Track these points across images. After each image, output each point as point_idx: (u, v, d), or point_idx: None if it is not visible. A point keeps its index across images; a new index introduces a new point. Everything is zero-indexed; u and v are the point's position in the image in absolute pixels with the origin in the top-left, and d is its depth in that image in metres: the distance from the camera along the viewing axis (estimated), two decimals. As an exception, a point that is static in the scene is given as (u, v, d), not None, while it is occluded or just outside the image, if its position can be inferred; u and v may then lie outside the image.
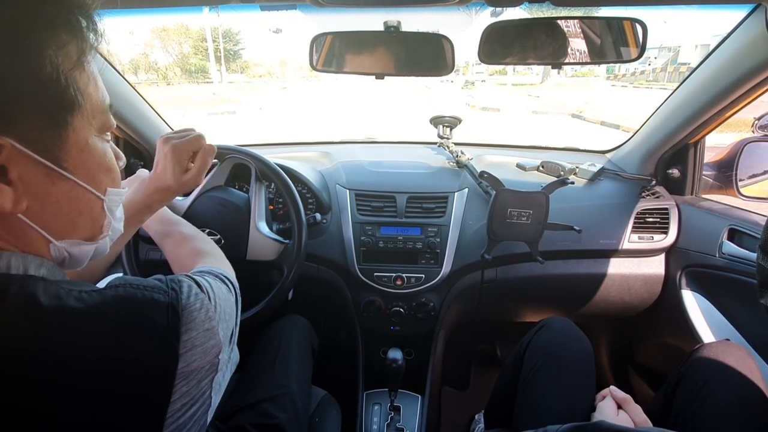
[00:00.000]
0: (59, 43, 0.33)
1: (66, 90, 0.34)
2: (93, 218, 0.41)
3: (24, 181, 0.33)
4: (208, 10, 9.94)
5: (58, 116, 0.34)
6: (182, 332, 0.36)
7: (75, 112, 0.35)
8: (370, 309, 1.11)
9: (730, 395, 0.69)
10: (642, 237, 1.12)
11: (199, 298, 0.39)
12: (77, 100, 0.35)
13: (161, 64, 30.21)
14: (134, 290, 0.36)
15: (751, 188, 1.09)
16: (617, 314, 1.25)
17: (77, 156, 0.37)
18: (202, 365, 0.37)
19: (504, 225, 1.03)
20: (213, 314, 0.40)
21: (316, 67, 0.91)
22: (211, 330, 0.39)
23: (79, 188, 0.38)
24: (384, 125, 9.22)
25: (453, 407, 1.40)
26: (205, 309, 0.39)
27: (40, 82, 0.33)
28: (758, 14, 0.79)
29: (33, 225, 0.36)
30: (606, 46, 0.84)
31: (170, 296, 0.37)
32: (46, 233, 0.37)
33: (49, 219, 0.37)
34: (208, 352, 0.38)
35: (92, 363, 0.32)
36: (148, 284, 0.38)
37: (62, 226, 0.38)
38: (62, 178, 0.36)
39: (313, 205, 1.12)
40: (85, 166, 0.38)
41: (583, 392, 0.78)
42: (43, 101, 0.33)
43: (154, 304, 0.36)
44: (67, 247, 0.39)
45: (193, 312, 0.38)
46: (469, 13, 4.59)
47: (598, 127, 8.98)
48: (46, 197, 0.36)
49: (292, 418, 0.77)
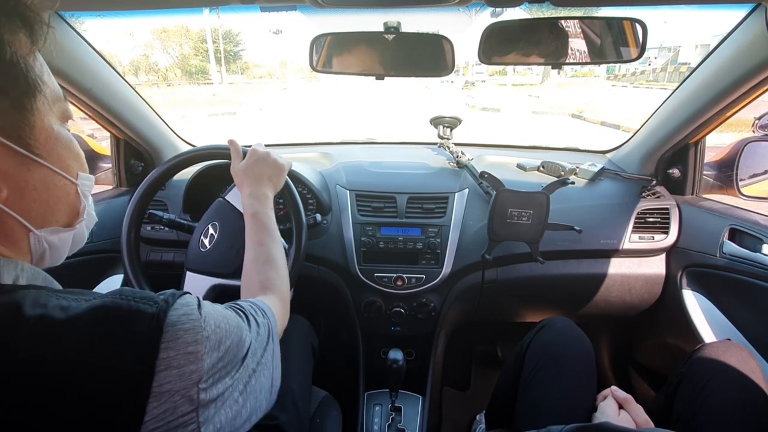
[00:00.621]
0: (13, 29, 0.35)
1: (26, 74, 0.35)
2: (70, 204, 0.42)
3: (1, 170, 0.34)
4: (209, 11, 9.96)
5: (23, 100, 0.35)
6: (161, 348, 0.33)
7: (37, 97, 0.37)
8: (370, 309, 1.11)
9: (732, 395, 0.69)
10: (642, 237, 1.12)
11: (191, 319, 0.36)
12: (37, 85, 0.37)
13: (161, 66, 30.28)
14: (121, 300, 0.35)
15: (751, 188, 1.08)
16: (618, 314, 1.25)
17: (46, 143, 0.38)
18: (176, 389, 0.34)
19: (504, 225, 1.03)
20: (201, 339, 0.36)
21: (316, 67, 0.91)
22: (194, 354, 0.35)
23: (54, 174, 0.39)
24: (384, 126, 9.23)
25: (454, 408, 1.40)
26: (194, 331, 0.36)
27: (2, 68, 0.34)
28: (758, 14, 0.79)
29: (13, 213, 0.36)
30: (606, 46, 0.84)
31: (159, 308, 0.35)
32: (26, 222, 0.37)
33: (28, 207, 0.37)
34: (185, 377, 0.34)
35: (69, 370, 0.31)
36: (139, 295, 0.36)
37: (41, 214, 0.39)
38: (36, 164, 0.37)
39: (314, 206, 1.12)
40: (55, 152, 0.39)
41: (584, 392, 0.78)
42: (5, 85, 0.34)
43: (138, 315, 0.34)
44: (47, 236, 0.39)
45: (178, 330, 0.35)
46: (469, 13, 4.59)
47: (599, 127, 8.98)
48: (24, 185, 0.36)
49: (293, 419, 0.77)
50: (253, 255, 0.68)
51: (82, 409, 0.31)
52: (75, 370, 0.31)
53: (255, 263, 0.67)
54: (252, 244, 0.69)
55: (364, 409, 1.12)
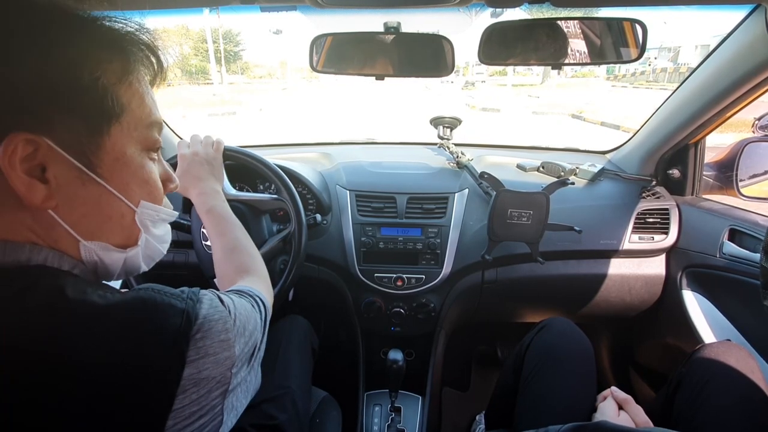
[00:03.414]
0: (104, 58, 0.37)
1: (103, 100, 0.38)
2: (123, 226, 0.43)
3: (58, 180, 0.36)
4: (209, 11, 9.95)
5: (95, 123, 0.38)
6: (195, 338, 0.37)
7: (112, 122, 0.39)
8: (370, 310, 1.11)
9: (731, 396, 0.69)
10: (642, 237, 1.12)
11: (218, 310, 0.40)
12: (114, 111, 0.38)
13: (161, 66, 30.20)
14: (154, 294, 0.38)
15: (751, 188, 1.08)
16: (618, 315, 1.25)
17: (112, 164, 0.39)
18: (213, 375, 0.37)
19: (504, 225, 1.03)
20: (231, 327, 0.40)
21: (317, 68, 0.91)
22: (226, 341, 0.39)
23: (110, 194, 0.40)
24: (384, 126, 9.23)
25: (454, 408, 1.40)
26: (223, 320, 0.39)
27: (76, 90, 0.36)
28: (758, 14, 0.79)
29: (61, 222, 0.38)
30: (606, 47, 0.84)
31: (187, 304, 0.38)
32: (74, 232, 0.39)
33: (77, 219, 0.39)
34: (221, 363, 0.38)
35: (102, 356, 0.33)
36: (169, 291, 0.39)
37: (90, 229, 0.40)
38: (93, 181, 0.39)
39: (314, 206, 1.12)
40: (118, 174, 0.40)
41: (583, 393, 0.78)
42: (79, 107, 0.36)
43: (169, 308, 0.37)
44: (97, 250, 0.41)
45: (210, 321, 0.38)
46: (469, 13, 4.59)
47: (599, 128, 8.98)
48: (75, 198, 0.38)
49: (293, 419, 0.77)
50: (220, 246, 0.68)
51: (110, 391, 0.33)
52: (112, 351, 0.33)
53: (224, 254, 0.67)
54: (215, 238, 0.70)
55: (364, 410, 1.12)
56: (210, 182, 0.77)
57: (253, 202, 0.92)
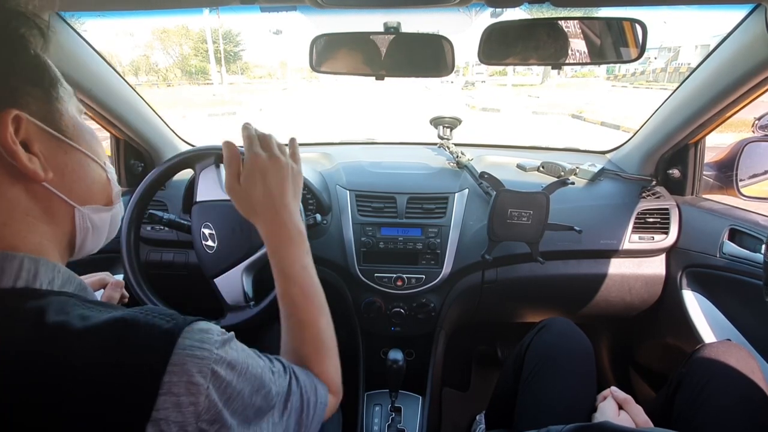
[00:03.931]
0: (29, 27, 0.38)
1: (47, 67, 0.40)
2: (103, 185, 0.45)
3: (44, 154, 0.38)
4: (209, 11, 9.95)
5: (50, 89, 0.39)
6: (168, 369, 0.32)
7: (58, 87, 0.40)
8: (370, 310, 1.11)
9: (732, 395, 0.69)
10: (642, 237, 1.12)
11: (205, 348, 0.34)
12: (57, 77, 0.41)
13: (161, 66, 30.30)
14: (140, 314, 0.35)
15: (751, 188, 1.08)
16: (618, 315, 1.25)
17: (74, 129, 0.41)
18: (173, 419, 0.32)
19: (504, 225, 1.03)
20: (208, 373, 0.34)
21: (316, 68, 0.91)
22: (195, 386, 0.33)
23: (87, 158, 0.42)
24: (384, 126, 9.23)
25: (454, 408, 1.40)
26: (203, 362, 0.34)
27: (30, 61, 0.38)
28: (758, 14, 0.79)
29: (58, 193, 0.39)
30: (606, 47, 0.84)
31: (176, 324, 0.35)
32: (69, 200, 0.41)
33: (69, 187, 0.41)
34: (182, 408, 0.32)
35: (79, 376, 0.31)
36: (159, 311, 0.36)
37: (82, 194, 0.42)
38: (72, 148, 0.41)
39: (314, 206, 1.12)
40: (83, 138, 0.42)
41: (583, 393, 0.78)
42: (35, 75, 0.38)
43: (152, 328, 0.34)
44: (90, 214, 0.43)
45: (186, 356, 0.33)
46: (469, 13, 4.59)
47: (599, 128, 8.98)
48: (64, 167, 0.40)
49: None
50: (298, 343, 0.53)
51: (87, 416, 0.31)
52: (84, 376, 0.31)
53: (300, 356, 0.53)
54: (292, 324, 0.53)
55: (364, 410, 1.12)
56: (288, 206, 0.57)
57: None
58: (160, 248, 1.15)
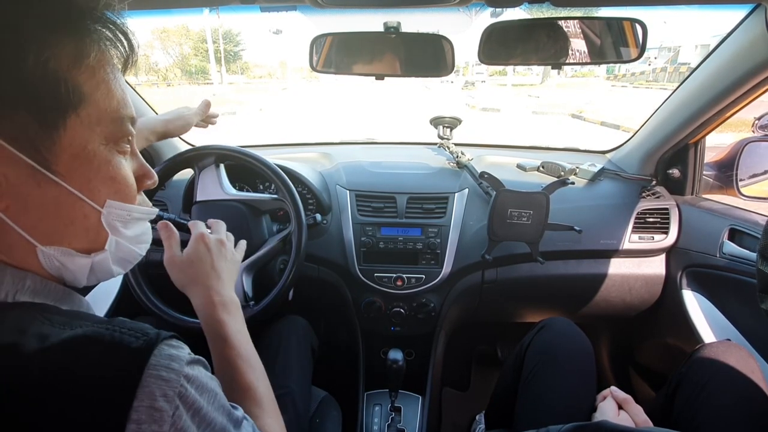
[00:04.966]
0: (53, 42, 0.32)
1: (56, 90, 0.33)
2: (87, 229, 0.38)
3: (9, 180, 0.33)
4: (209, 11, 9.96)
5: (47, 116, 0.33)
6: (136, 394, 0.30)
7: (69, 114, 0.34)
8: (370, 309, 1.11)
9: (731, 395, 0.69)
10: (642, 237, 1.12)
11: (173, 369, 0.32)
12: (71, 101, 0.34)
13: (161, 66, 30.30)
14: (105, 330, 0.32)
15: (751, 188, 1.09)
16: (618, 314, 1.25)
17: (70, 161, 0.35)
18: None
19: (504, 225, 1.03)
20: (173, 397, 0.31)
21: (316, 68, 0.91)
22: (159, 412, 0.30)
23: (69, 194, 0.35)
24: (384, 126, 9.23)
25: (453, 408, 1.40)
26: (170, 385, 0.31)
27: (23, 79, 0.31)
28: (758, 14, 0.79)
29: (13, 225, 0.34)
30: (606, 47, 0.84)
31: (147, 341, 0.32)
32: (29, 236, 0.35)
33: (33, 223, 0.35)
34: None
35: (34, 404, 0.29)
36: (129, 326, 0.33)
37: (49, 233, 0.36)
38: (50, 181, 0.34)
39: (314, 206, 1.12)
40: (79, 172, 0.35)
41: (583, 393, 0.78)
42: (26, 99, 0.32)
43: (118, 348, 0.31)
44: (58, 256, 0.37)
45: (150, 377, 0.31)
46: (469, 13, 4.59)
47: (599, 128, 8.98)
48: (29, 199, 0.34)
49: (293, 419, 0.77)
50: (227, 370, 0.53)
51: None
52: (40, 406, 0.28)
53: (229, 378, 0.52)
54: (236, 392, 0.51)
55: (364, 409, 1.12)
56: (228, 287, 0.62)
57: (253, 202, 0.92)
58: (161, 248, 1.15)
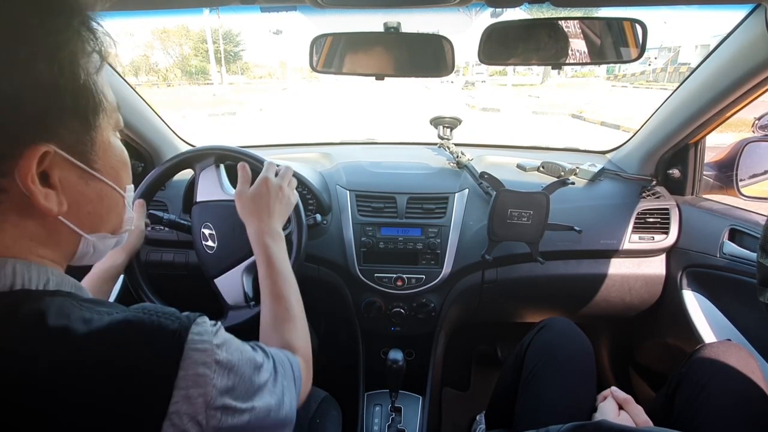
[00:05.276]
0: (87, 51, 0.35)
1: (94, 94, 0.37)
2: (118, 213, 0.44)
3: (63, 184, 0.36)
4: (209, 11, 9.95)
5: (90, 119, 0.37)
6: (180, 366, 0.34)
7: (100, 114, 0.38)
8: (370, 310, 1.11)
9: (732, 396, 0.69)
10: (642, 237, 1.12)
11: (204, 340, 0.36)
12: (102, 103, 0.38)
13: (162, 66, 30.29)
14: (144, 315, 0.35)
15: (751, 188, 1.08)
16: (618, 314, 1.25)
17: (104, 156, 0.39)
18: (184, 411, 0.33)
19: (504, 225, 1.03)
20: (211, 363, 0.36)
21: (316, 68, 0.91)
22: (202, 377, 0.35)
23: (108, 187, 0.41)
24: (384, 126, 9.23)
25: (454, 408, 1.40)
26: (206, 354, 0.36)
27: (77, 90, 0.35)
28: (758, 14, 0.79)
29: (70, 224, 0.38)
30: (606, 47, 0.84)
31: (182, 324, 0.36)
32: (79, 230, 0.39)
33: (83, 217, 0.39)
34: (192, 400, 0.34)
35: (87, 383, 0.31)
36: (162, 310, 0.37)
37: (94, 223, 0.41)
38: (94, 179, 0.39)
39: (314, 206, 1.12)
40: (110, 164, 0.41)
41: (583, 393, 0.78)
42: (79, 107, 0.36)
43: (159, 331, 0.35)
44: (96, 241, 0.42)
45: (190, 350, 0.35)
46: (469, 13, 4.59)
47: (599, 128, 8.98)
48: (81, 197, 0.38)
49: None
50: (272, 312, 0.62)
51: (98, 423, 0.31)
52: (94, 383, 0.31)
53: (274, 322, 0.61)
54: (269, 298, 0.63)
55: (364, 410, 1.12)
56: (277, 223, 0.72)
57: None
58: (160, 248, 1.16)
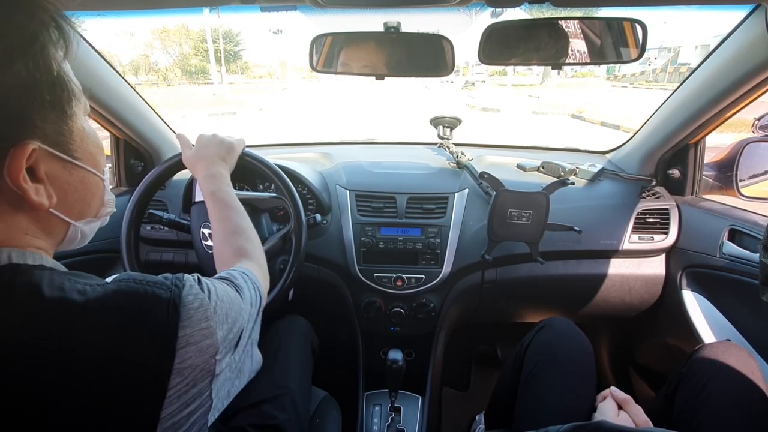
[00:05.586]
0: (53, 39, 0.35)
1: (67, 83, 0.37)
2: (100, 196, 0.45)
3: (49, 177, 0.37)
4: (209, 11, 9.95)
5: (66, 109, 0.38)
6: (180, 328, 0.36)
7: (73, 101, 0.38)
8: (370, 310, 1.11)
9: (731, 396, 0.69)
10: (642, 237, 1.12)
11: (198, 297, 0.39)
12: (74, 90, 0.38)
13: (161, 65, 30.27)
14: (136, 285, 0.37)
15: (751, 188, 1.08)
16: (618, 315, 1.25)
17: (81, 144, 0.40)
18: (197, 363, 0.37)
19: (504, 225, 1.03)
20: (211, 314, 0.39)
21: (316, 68, 0.91)
22: (207, 329, 0.38)
23: (89, 174, 0.42)
24: (384, 126, 9.23)
25: (453, 408, 1.40)
26: (203, 308, 0.39)
27: (52, 83, 0.36)
28: (758, 14, 0.79)
29: (60, 215, 0.40)
30: (606, 47, 0.84)
31: (173, 292, 0.38)
32: (68, 218, 0.41)
33: (70, 206, 0.41)
34: (204, 351, 0.38)
35: (90, 356, 0.33)
36: (151, 280, 0.39)
37: (80, 210, 0.43)
38: (76, 167, 0.40)
39: (314, 206, 1.12)
40: (88, 150, 0.41)
41: (583, 393, 0.78)
42: (55, 99, 0.36)
43: (155, 300, 0.36)
44: (83, 226, 0.43)
45: (190, 310, 0.38)
46: (469, 13, 4.60)
47: (599, 128, 8.97)
48: (67, 187, 0.40)
49: (293, 419, 0.77)
50: (221, 230, 0.67)
51: (105, 390, 0.33)
52: (97, 352, 0.33)
53: (224, 236, 0.66)
54: (216, 222, 0.69)
55: (364, 410, 1.12)
56: (218, 166, 0.76)
57: (252, 201, 0.92)
58: (160, 248, 1.16)
